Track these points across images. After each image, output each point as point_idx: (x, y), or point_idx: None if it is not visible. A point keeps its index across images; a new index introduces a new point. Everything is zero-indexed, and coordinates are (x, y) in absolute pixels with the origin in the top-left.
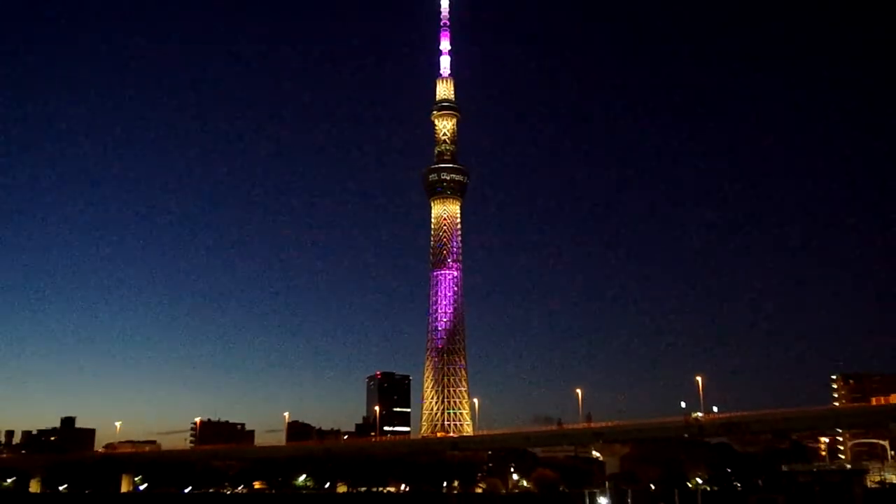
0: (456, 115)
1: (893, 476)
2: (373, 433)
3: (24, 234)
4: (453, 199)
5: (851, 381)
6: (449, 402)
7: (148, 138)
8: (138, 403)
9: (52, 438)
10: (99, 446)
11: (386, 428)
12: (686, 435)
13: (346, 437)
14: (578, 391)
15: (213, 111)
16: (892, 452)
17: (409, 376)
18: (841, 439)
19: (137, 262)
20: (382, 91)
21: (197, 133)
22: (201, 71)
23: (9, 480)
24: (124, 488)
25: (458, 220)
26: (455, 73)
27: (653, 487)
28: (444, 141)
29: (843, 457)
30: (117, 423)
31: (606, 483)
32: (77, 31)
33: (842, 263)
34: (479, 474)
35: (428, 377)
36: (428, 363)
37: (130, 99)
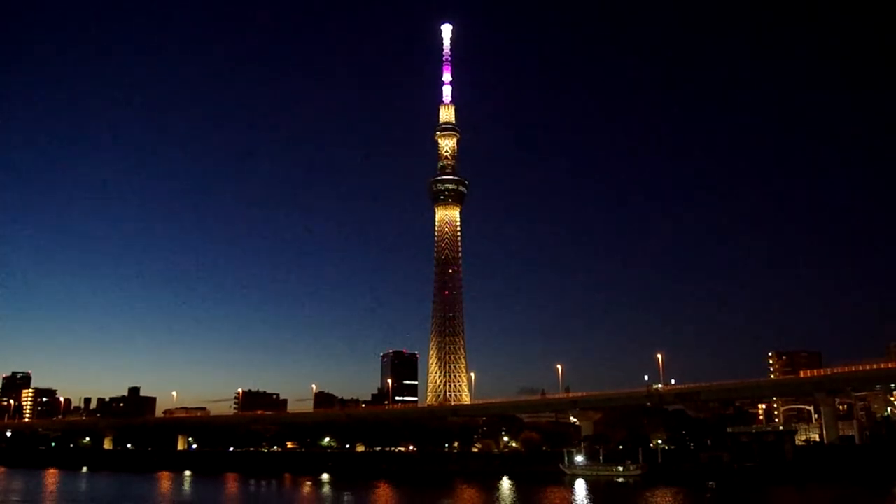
0: (456, 135)
1: (816, 435)
2: (386, 402)
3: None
4: (454, 205)
5: (784, 358)
6: (450, 376)
7: (199, 149)
8: (191, 376)
9: (122, 405)
10: (159, 412)
11: (397, 398)
12: (648, 403)
13: (363, 405)
14: (559, 367)
15: (266, 127)
16: (816, 416)
17: (416, 354)
18: (775, 405)
19: (191, 260)
20: (395, 114)
21: (253, 140)
22: (247, 90)
23: (87, 439)
24: (180, 447)
25: (458, 222)
26: (455, 99)
27: (620, 447)
28: (446, 157)
29: (776, 420)
30: (174, 393)
31: (582, 443)
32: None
33: (783, 258)
34: (476, 436)
35: (432, 355)
36: (433, 343)
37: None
